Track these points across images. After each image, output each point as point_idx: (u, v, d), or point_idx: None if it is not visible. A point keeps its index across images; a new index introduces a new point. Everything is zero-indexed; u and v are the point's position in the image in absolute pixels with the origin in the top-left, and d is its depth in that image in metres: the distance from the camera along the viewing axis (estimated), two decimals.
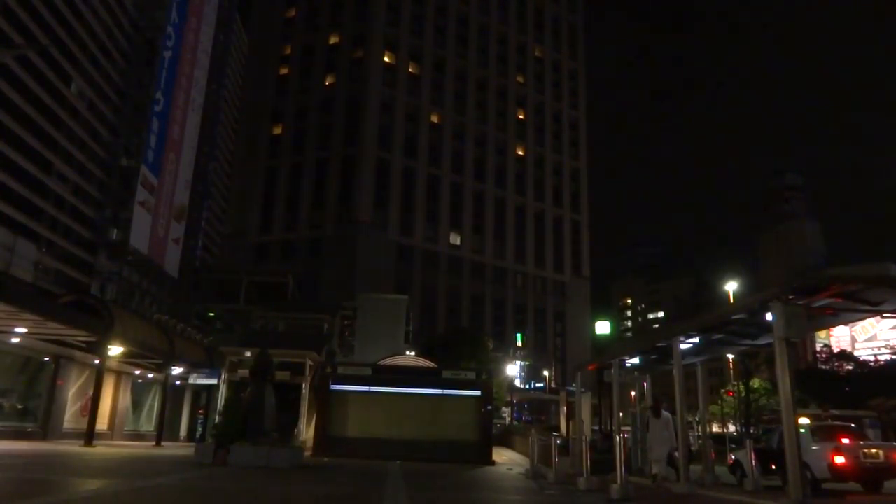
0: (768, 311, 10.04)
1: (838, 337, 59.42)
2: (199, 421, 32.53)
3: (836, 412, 30.88)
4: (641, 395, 21.37)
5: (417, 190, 72.19)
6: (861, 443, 13.46)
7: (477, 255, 75.00)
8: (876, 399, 35.21)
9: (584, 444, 14.23)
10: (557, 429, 32.84)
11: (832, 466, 12.47)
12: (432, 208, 72.85)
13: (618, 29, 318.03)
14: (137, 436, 28.76)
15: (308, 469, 15.17)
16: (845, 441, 13.21)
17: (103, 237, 45.29)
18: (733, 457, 16.72)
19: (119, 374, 27.28)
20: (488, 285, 75.08)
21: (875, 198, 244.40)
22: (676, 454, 13.94)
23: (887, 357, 51.67)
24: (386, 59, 74.22)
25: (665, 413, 14.48)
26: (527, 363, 70.77)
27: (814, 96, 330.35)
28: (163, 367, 27.06)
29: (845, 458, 12.49)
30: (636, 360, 18.35)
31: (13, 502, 7.05)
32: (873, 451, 12.97)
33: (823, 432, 13.99)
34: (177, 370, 28.29)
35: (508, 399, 53.23)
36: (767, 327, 10.87)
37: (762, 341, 13.53)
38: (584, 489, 12.06)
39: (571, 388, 29.89)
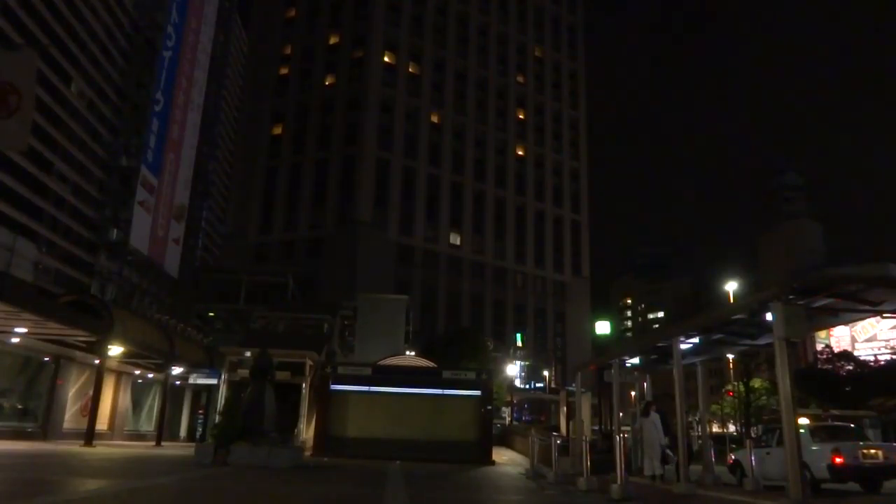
0: (768, 311, 10.04)
1: (838, 337, 59.31)
2: (199, 421, 32.49)
3: (836, 412, 30.90)
4: (641, 395, 21.38)
5: (417, 190, 72.16)
6: (860, 443, 13.46)
7: (477, 255, 74.97)
8: (876, 399, 35.25)
9: (584, 444, 14.22)
10: (557, 429, 32.80)
11: (831, 467, 12.45)
12: (432, 208, 72.81)
13: (618, 29, 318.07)
14: (137, 436, 28.75)
15: (308, 469, 15.17)
16: (844, 442, 13.23)
17: (103, 237, 45.30)
18: (733, 457, 16.74)
19: (119, 374, 27.27)
20: (488, 285, 75.06)
21: (875, 197, 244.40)
22: (669, 451, 13.98)
23: (887, 357, 51.58)
24: (386, 59, 74.18)
25: (653, 413, 14.51)
26: (527, 363, 70.75)
27: (814, 96, 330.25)
28: (163, 367, 27.05)
29: (844, 458, 12.46)
30: (636, 360, 18.36)
31: (13, 502, 7.05)
32: (872, 451, 12.96)
33: (822, 433, 13.97)
34: (177, 370, 28.28)
35: (508, 399, 53.22)
36: (767, 327, 10.87)
37: (762, 341, 13.53)
38: (584, 489, 12.06)
39: (571, 388, 29.88)
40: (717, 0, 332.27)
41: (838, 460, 12.41)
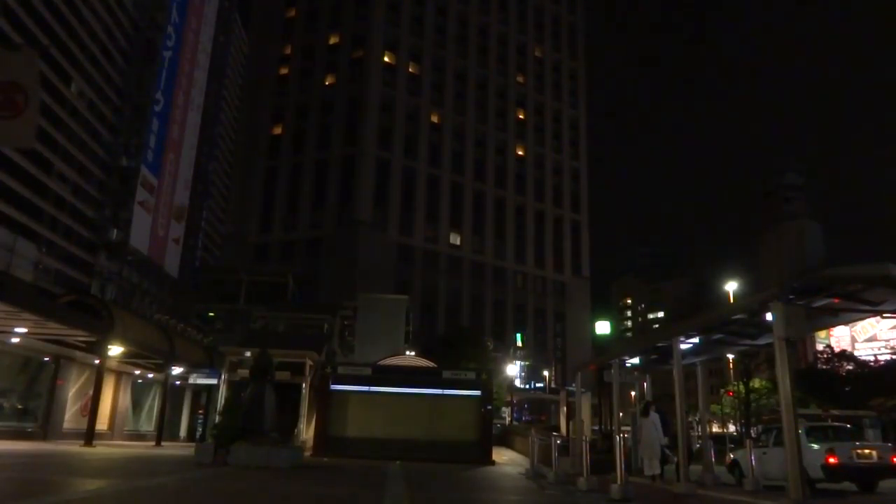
0: (768, 311, 10.04)
1: (838, 337, 59.42)
2: (199, 421, 32.48)
3: (836, 412, 30.91)
4: (641, 395, 21.38)
5: (417, 190, 72.18)
6: (855, 443, 13.49)
7: (477, 255, 74.98)
8: (876, 399, 35.27)
9: (584, 444, 14.23)
10: (557, 429, 32.81)
11: (826, 466, 12.51)
12: (432, 208, 72.83)
13: (618, 29, 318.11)
14: (137, 436, 28.75)
15: (308, 469, 15.16)
16: (839, 442, 13.30)
17: (103, 237, 45.25)
18: (731, 456, 16.78)
19: (119, 374, 27.26)
20: (488, 285, 75.06)
21: (875, 197, 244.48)
22: (668, 451, 14.00)
23: (887, 357, 51.65)
24: (386, 59, 74.20)
25: (653, 413, 14.52)
26: (527, 363, 70.78)
27: (815, 95, 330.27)
28: (163, 367, 27.04)
29: (839, 458, 12.53)
30: (636, 360, 18.38)
31: (13, 502, 7.05)
32: (867, 451, 13.06)
33: (818, 433, 14.02)
34: (177, 370, 28.27)
35: (508, 399, 53.21)
36: (767, 327, 10.88)
37: (762, 341, 13.54)
38: (584, 489, 12.05)
39: (571, 388, 29.88)
40: (718, 2, 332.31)
41: (832, 460, 12.47)
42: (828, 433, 14.26)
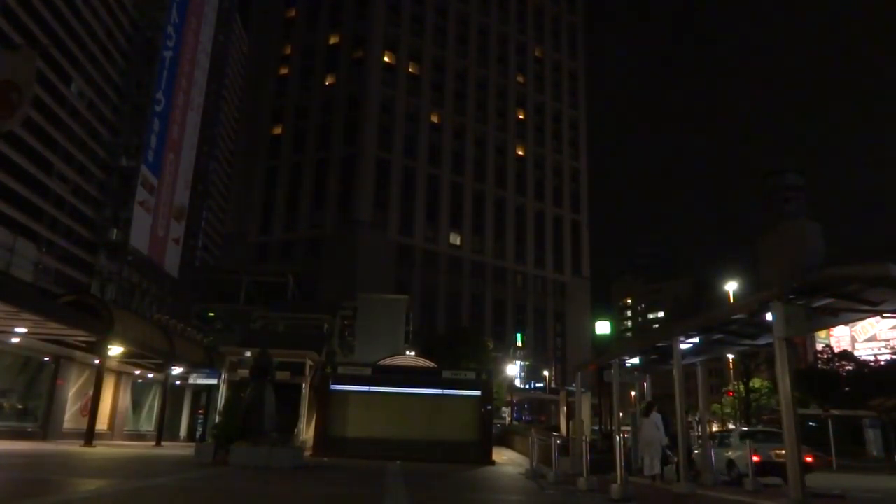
0: (768, 311, 10.04)
1: (838, 337, 59.38)
2: (199, 421, 32.48)
3: (836, 412, 30.90)
4: (641, 395, 21.38)
5: (417, 190, 72.18)
6: (774, 445, 15.44)
7: (477, 255, 74.98)
8: (876, 399, 35.23)
9: (584, 444, 14.23)
10: (557, 429, 32.78)
11: (751, 463, 14.13)
12: (432, 208, 72.83)
13: (618, 29, 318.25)
14: (137, 436, 28.76)
15: (308, 469, 15.16)
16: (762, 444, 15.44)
17: (103, 237, 45.26)
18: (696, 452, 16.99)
19: (119, 374, 27.27)
20: (488, 285, 75.06)
21: (875, 197, 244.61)
22: (669, 452, 14.07)
23: (887, 357, 51.68)
24: (386, 59, 74.21)
25: (655, 413, 14.52)
26: (527, 363, 70.78)
27: (815, 96, 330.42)
28: (163, 367, 27.05)
29: (760, 457, 14.61)
30: (636, 360, 18.36)
31: (13, 502, 7.05)
32: (783, 451, 14.41)
33: (749, 437, 15.78)
34: (177, 370, 28.28)
35: (508, 399, 53.20)
36: (767, 327, 10.88)
37: (762, 341, 13.56)
38: (584, 489, 12.06)
39: (571, 388, 29.87)
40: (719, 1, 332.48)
41: (755, 458, 14.15)
42: (758, 437, 16.45)
